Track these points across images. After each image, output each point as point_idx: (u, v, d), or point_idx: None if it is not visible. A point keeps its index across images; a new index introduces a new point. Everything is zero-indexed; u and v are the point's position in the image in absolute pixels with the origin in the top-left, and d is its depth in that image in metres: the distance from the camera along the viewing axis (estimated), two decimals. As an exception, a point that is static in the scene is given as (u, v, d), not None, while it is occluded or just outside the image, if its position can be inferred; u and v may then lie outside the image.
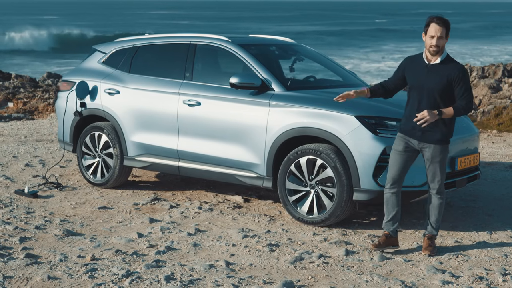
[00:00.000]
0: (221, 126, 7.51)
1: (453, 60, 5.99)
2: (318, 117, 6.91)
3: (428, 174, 6.10)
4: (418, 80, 5.94)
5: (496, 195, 8.45)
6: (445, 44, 5.96)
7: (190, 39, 8.10)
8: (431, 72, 5.90)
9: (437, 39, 5.83)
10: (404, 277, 5.56)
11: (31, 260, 5.80)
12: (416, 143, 6.00)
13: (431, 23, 5.88)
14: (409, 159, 6.10)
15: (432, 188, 6.11)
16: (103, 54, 8.80)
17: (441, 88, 5.86)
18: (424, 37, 5.95)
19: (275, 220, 7.23)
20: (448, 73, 5.84)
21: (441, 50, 5.90)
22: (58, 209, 7.58)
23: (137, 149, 8.18)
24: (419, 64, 5.99)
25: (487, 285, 5.39)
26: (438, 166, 6.01)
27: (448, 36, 5.97)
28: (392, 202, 6.16)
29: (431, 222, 6.17)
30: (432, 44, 5.85)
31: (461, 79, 5.84)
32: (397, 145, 6.10)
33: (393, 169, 6.11)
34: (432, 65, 5.92)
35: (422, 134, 5.94)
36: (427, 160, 6.02)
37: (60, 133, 8.93)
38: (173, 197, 8.17)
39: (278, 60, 8.42)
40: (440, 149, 5.97)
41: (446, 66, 5.88)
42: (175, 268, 5.69)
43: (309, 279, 5.52)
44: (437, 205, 6.13)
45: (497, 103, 17.99)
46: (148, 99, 8.07)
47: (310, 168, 6.96)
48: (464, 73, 5.83)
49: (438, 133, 5.94)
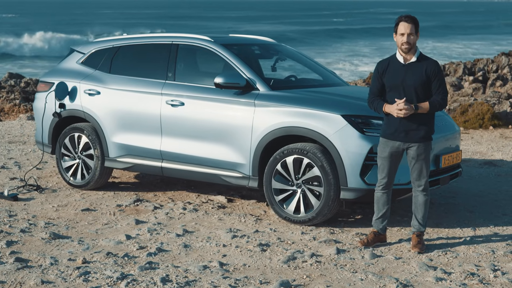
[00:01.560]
0: (206, 126, 7.49)
1: (427, 56, 6.10)
2: (304, 117, 6.94)
3: (413, 173, 6.17)
4: (396, 80, 6.01)
5: (474, 191, 8.60)
6: (416, 41, 6.04)
7: (172, 39, 8.06)
8: (409, 71, 5.99)
9: (408, 36, 5.94)
10: (397, 275, 5.62)
11: (21, 264, 5.72)
12: (401, 145, 6.09)
13: (400, 22, 6.00)
14: (397, 160, 6.21)
15: (418, 186, 6.18)
16: (81, 55, 8.70)
17: (420, 84, 5.96)
18: (395, 36, 6.06)
19: (261, 220, 7.24)
20: (426, 69, 5.96)
21: (413, 47, 6.01)
22: (40, 212, 7.48)
23: (118, 150, 8.11)
24: (395, 65, 6.07)
25: (480, 281, 5.48)
26: (424, 163, 6.10)
27: (418, 33, 6.07)
28: (383, 201, 6.28)
29: (418, 219, 6.25)
30: (403, 41, 5.95)
31: (437, 74, 5.97)
32: (382, 151, 6.18)
33: (383, 173, 6.21)
34: (408, 64, 6.01)
35: (406, 134, 6.03)
36: (413, 158, 6.10)
37: (38, 135, 8.81)
38: (155, 198, 8.13)
39: (258, 60, 8.42)
40: (424, 147, 6.07)
41: (422, 63, 6.00)
42: (169, 270, 5.66)
43: (304, 278, 5.54)
44: (423, 202, 6.21)
45: (462, 101, 18.25)
46: (130, 100, 8.01)
47: (296, 167, 6.99)
48: (439, 68, 5.98)
49: (421, 131, 6.02)
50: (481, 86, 20.16)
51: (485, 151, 11.62)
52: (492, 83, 21.22)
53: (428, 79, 5.98)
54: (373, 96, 6.21)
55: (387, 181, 6.22)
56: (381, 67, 6.16)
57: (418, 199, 6.23)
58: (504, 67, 23.25)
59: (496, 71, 23.23)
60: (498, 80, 21.26)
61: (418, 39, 6.05)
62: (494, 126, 14.89)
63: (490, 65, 24.07)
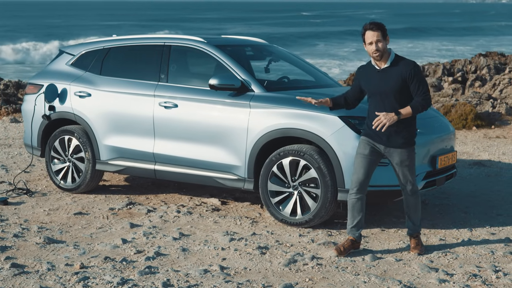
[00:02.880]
0: (200, 128, 7.42)
1: (403, 58, 5.94)
2: (301, 118, 6.89)
3: (399, 178, 6.07)
4: (373, 86, 5.92)
5: (466, 192, 8.61)
6: (387, 46, 5.91)
7: (164, 40, 7.98)
8: (384, 76, 5.87)
9: (375, 44, 5.81)
10: (399, 277, 5.59)
11: (18, 270, 5.60)
12: (382, 148, 5.97)
13: (366, 31, 5.87)
14: (374, 162, 6.05)
15: (407, 190, 6.09)
16: (71, 56, 8.58)
17: (397, 89, 5.82)
18: (365, 46, 5.93)
19: (257, 222, 7.18)
20: (401, 72, 5.80)
21: (385, 53, 5.87)
22: (32, 216, 7.36)
23: (110, 153, 8.01)
24: (371, 71, 5.97)
25: (483, 282, 5.47)
26: (408, 169, 5.98)
27: (388, 38, 5.91)
28: (357, 208, 6.06)
29: (413, 221, 6.19)
30: (373, 50, 5.83)
31: (414, 75, 5.79)
32: (362, 148, 6.03)
33: (359, 173, 6.02)
34: (383, 69, 5.89)
35: (388, 139, 5.91)
36: (396, 165, 5.98)
37: (27, 138, 8.67)
38: (148, 201, 8.03)
39: (249, 61, 8.37)
40: (407, 153, 5.94)
41: (397, 67, 5.84)
42: (169, 274, 5.58)
43: (307, 281, 5.49)
44: (414, 204, 6.14)
45: (444, 102, 18.34)
46: (121, 102, 7.91)
47: (293, 169, 6.94)
48: (416, 69, 5.80)
49: (403, 137, 5.90)
50: (460, 87, 20.28)
51: (472, 151, 11.66)
52: (471, 83, 21.34)
53: (404, 82, 5.81)
54: (345, 94, 6.23)
55: (362, 181, 6.00)
56: (359, 73, 6.10)
57: (409, 201, 6.15)
58: (483, 68, 23.40)
59: (475, 72, 23.37)
60: (477, 80, 21.38)
61: (388, 43, 5.90)
62: (477, 127, 14.97)
63: (468, 66, 24.23)
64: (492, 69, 22.58)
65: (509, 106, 16.26)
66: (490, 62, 23.91)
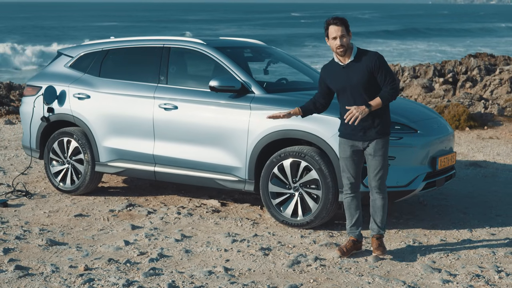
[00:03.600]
0: (200, 130, 7.43)
1: (366, 51, 5.87)
2: (301, 120, 6.91)
3: (369, 170, 5.96)
4: (340, 83, 5.86)
5: (464, 192, 8.66)
6: (350, 40, 5.83)
7: (163, 42, 7.99)
8: (349, 71, 5.81)
9: (340, 38, 5.74)
10: (403, 277, 5.62)
11: (22, 272, 5.60)
12: (360, 144, 5.92)
13: (329, 26, 5.79)
14: (359, 161, 6.02)
15: (374, 187, 5.96)
16: (69, 58, 8.57)
17: (364, 82, 5.77)
18: (328, 41, 5.85)
19: (258, 224, 7.20)
20: (366, 65, 5.75)
21: (348, 49, 5.80)
22: (32, 218, 7.35)
23: (109, 155, 8.01)
24: (335, 68, 5.91)
25: (486, 282, 5.51)
26: (381, 159, 5.89)
27: (351, 33, 5.83)
28: (354, 206, 6.10)
29: (377, 223, 6.06)
30: (337, 45, 5.75)
31: (379, 66, 5.74)
32: (342, 151, 6.01)
33: (346, 175, 6.02)
34: (347, 64, 5.83)
35: (364, 133, 5.86)
36: (369, 155, 5.91)
37: (25, 139, 8.66)
38: (147, 203, 8.04)
39: (247, 63, 8.38)
40: (382, 142, 5.88)
41: (361, 60, 5.79)
42: (174, 276, 5.59)
43: (311, 282, 5.52)
44: (381, 206, 6.01)
45: (436, 102, 18.42)
46: (121, 104, 7.91)
47: (294, 170, 6.96)
48: (381, 60, 5.74)
49: (379, 127, 5.85)
50: (451, 88, 20.38)
51: (466, 152, 11.73)
52: (462, 84, 21.46)
53: (371, 74, 5.76)
54: (313, 99, 6.16)
55: (353, 182, 6.02)
56: (323, 72, 6.03)
57: (376, 202, 6.02)
58: (474, 69, 23.53)
59: (465, 73, 23.49)
60: (468, 81, 21.50)
61: (351, 38, 5.83)
62: (470, 127, 15.04)
63: (459, 67, 24.35)
64: (483, 70, 22.70)
65: (501, 107, 16.35)
66: (480, 63, 24.05)
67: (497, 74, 21.32)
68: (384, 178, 5.96)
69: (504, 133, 14.02)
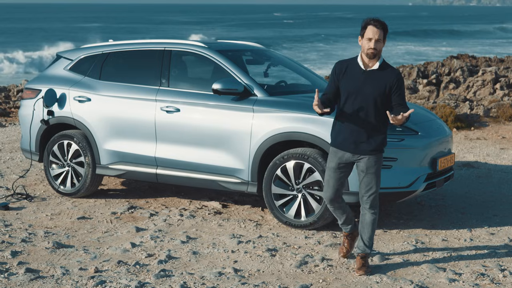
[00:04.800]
0: (203, 132, 7.50)
1: (390, 65, 5.69)
2: (304, 122, 7.00)
3: (361, 187, 5.75)
4: (355, 87, 5.60)
5: (460, 193, 8.80)
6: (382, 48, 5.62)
7: (164, 45, 8.04)
8: (368, 79, 5.59)
9: (375, 42, 5.52)
10: (410, 277, 5.73)
11: (33, 275, 5.64)
12: (350, 156, 5.71)
13: (368, 26, 5.55)
14: (344, 175, 5.82)
15: (365, 203, 5.75)
16: (69, 61, 8.60)
17: (379, 94, 5.56)
18: (361, 40, 5.61)
19: (261, 225, 7.28)
20: (387, 79, 5.56)
21: (378, 54, 5.60)
22: (35, 221, 7.37)
23: (111, 157, 8.04)
24: (355, 70, 5.64)
25: (491, 281, 5.63)
26: (374, 177, 5.69)
27: (385, 40, 5.63)
28: (339, 212, 5.97)
29: (364, 240, 5.80)
30: (370, 47, 5.52)
31: (399, 85, 5.57)
32: (329, 161, 5.81)
33: (329, 187, 5.81)
34: (369, 71, 5.60)
35: (356, 146, 5.65)
36: (362, 172, 5.70)
37: (25, 142, 8.67)
38: (148, 205, 8.08)
39: (246, 66, 8.46)
40: (375, 159, 5.68)
41: (383, 72, 5.60)
42: (185, 277, 5.65)
43: (321, 282, 5.61)
44: (371, 221, 5.78)
45: (422, 104, 18.60)
46: (122, 106, 7.96)
47: (297, 172, 7.05)
48: (401, 80, 5.58)
49: (373, 143, 5.65)
50: (435, 89, 20.61)
51: (457, 153, 11.87)
52: (446, 85, 21.69)
53: (389, 89, 5.56)
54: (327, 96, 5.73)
55: (332, 196, 5.80)
56: (339, 69, 5.69)
57: (365, 217, 5.78)
58: (457, 70, 23.77)
59: (448, 74, 23.74)
60: (451, 83, 21.74)
61: (384, 45, 5.63)
62: (457, 128, 15.22)
63: (441, 68, 24.58)
64: (466, 71, 22.96)
65: (486, 108, 16.56)
66: (462, 64, 24.30)
67: (480, 76, 21.57)
68: (376, 195, 5.75)
69: (491, 134, 14.20)
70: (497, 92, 19.80)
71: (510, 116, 16.05)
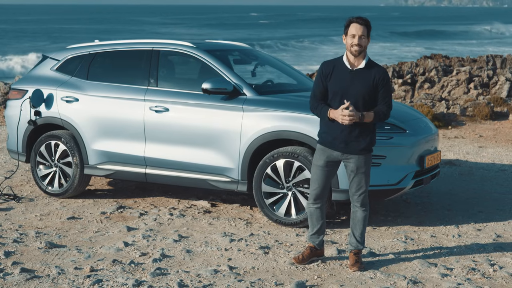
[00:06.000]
0: (193, 132, 7.53)
1: (376, 63, 5.75)
2: (294, 121, 7.07)
3: (351, 186, 5.83)
4: (342, 87, 5.64)
5: (444, 190, 8.94)
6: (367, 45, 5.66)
7: (152, 45, 8.06)
8: (355, 78, 5.63)
9: (359, 38, 5.55)
10: (403, 272, 5.83)
11: (29, 274, 5.64)
12: (338, 155, 5.75)
13: (352, 23, 5.60)
14: (331, 173, 5.87)
15: (356, 201, 5.82)
16: (55, 61, 8.58)
17: (366, 93, 5.61)
18: (345, 39, 5.66)
19: (251, 223, 7.34)
20: (373, 77, 5.61)
21: (363, 51, 5.63)
22: (25, 221, 7.35)
23: (99, 157, 8.05)
24: (342, 70, 5.68)
25: (482, 275, 5.75)
26: (364, 176, 5.76)
27: (370, 38, 5.67)
28: (316, 216, 5.94)
29: (356, 237, 5.89)
30: (354, 43, 5.55)
31: (385, 84, 5.63)
32: (317, 159, 5.83)
33: (315, 184, 5.85)
34: (355, 71, 5.64)
35: (346, 145, 5.68)
36: (352, 172, 5.76)
37: (11, 143, 8.63)
38: (137, 205, 8.10)
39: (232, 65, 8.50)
40: (364, 159, 5.73)
41: (370, 70, 5.64)
42: (181, 275, 5.69)
43: (315, 279, 5.68)
44: (362, 218, 5.85)
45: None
46: (110, 106, 7.96)
47: (287, 170, 7.11)
48: (387, 77, 5.63)
49: (362, 142, 5.69)
50: (410, 89, 20.81)
51: (437, 151, 12.02)
52: (421, 85, 21.93)
53: (375, 87, 5.62)
54: (316, 101, 5.76)
55: (319, 193, 5.85)
56: (326, 69, 5.72)
57: (356, 214, 5.86)
58: (431, 70, 24.01)
59: (423, 74, 23.97)
60: (426, 82, 21.97)
61: (369, 43, 5.67)
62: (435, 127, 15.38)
63: (416, 68, 24.82)
64: (440, 71, 23.22)
65: (462, 107, 16.77)
66: (437, 64, 24.57)
67: (454, 75, 21.83)
68: (366, 193, 5.82)
69: (468, 133, 14.41)
70: (471, 91, 20.07)
71: (486, 115, 16.29)
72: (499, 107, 17.35)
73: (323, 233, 6.04)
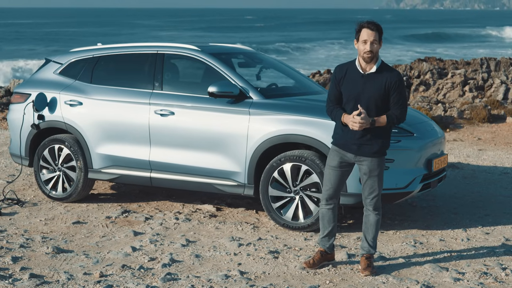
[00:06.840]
0: (198, 135, 7.49)
1: (389, 66, 5.70)
2: (302, 124, 7.04)
3: (364, 189, 5.82)
4: (355, 91, 5.64)
5: (449, 193, 8.92)
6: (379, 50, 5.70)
7: (157, 48, 8.01)
8: (368, 82, 5.62)
9: (370, 44, 5.54)
10: (415, 277, 5.79)
11: (39, 280, 5.59)
12: (352, 157, 5.74)
13: (363, 29, 5.58)
14: (345, 174, 5.87)
15: (369, 204, 5.81)
16: (59, 65, 8.51)
17: (379, 97, 5.60)
18: (356, 44, 5.65)
19: (258, 227, 7.29)
20: (386, 81, 5.59)
21: (375, 56, 5.62)
22: (30, 226, 7.29)
23: (103, 161, 7.99)
24: (354, 74, 5.67)
25: (495, 279, 5.73)
26: (377, 180, 5.75)
27: (382, 42, 5.64)
28: (328, 218, 5.91)
29: (368, 241, 5.87)
30: (366, 50, 5.55)
31: (398, 87, 5.60)
32: (331, 160, 5.83)
33: (328, 185, 5.84)
34: (368, 75, 5.63)
35: (358, 148, 5.67)
36: (365, 174, 5.75)
37: (15, 147, 8.56)
38: (141, 209, 8.04)
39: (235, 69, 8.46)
40: (378, 162, 5.71)
41: (382, 74, 5.62)
42: (192, 280, 5.65)
43: (327, 283, 5.64)
44: (374, 222, 5.83)
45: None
46: (115, 110, 7.91)
47: (294, 174, 7.08)
48: (401, 81, 5.59)
49: (375, 145, 5.67)
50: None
51: (438, 154, 12.01)
52: (416, 88, 21.94)
53: (387, 91, 5.61)
54: (332, 105, 5.78)
55: (332, 193, 5.84)
56: (339, 74, 5.73)
57: (369, 218, 5.84)
58: (426, 73, 24.03)
59: (418, 77, 23.98)
60: (421, 85, 21.99)
61: (381, 47, 5.65)
62: (434, 130, 15.35)
63: (411, 71, 24.84)
64: (435, 74, 23.25)
65: (459, 110, 16.78)
66: (432, 67, 24.60)
67: (449, 78, 21.84)
68: (379, 197, 5.80)
69: (467, 136, 14.41)
70: (466, 94, 20.08)
71: (483, 118, 16.31)
72: (496, 109, 17.37)
73: (334, 236, 6.01)
